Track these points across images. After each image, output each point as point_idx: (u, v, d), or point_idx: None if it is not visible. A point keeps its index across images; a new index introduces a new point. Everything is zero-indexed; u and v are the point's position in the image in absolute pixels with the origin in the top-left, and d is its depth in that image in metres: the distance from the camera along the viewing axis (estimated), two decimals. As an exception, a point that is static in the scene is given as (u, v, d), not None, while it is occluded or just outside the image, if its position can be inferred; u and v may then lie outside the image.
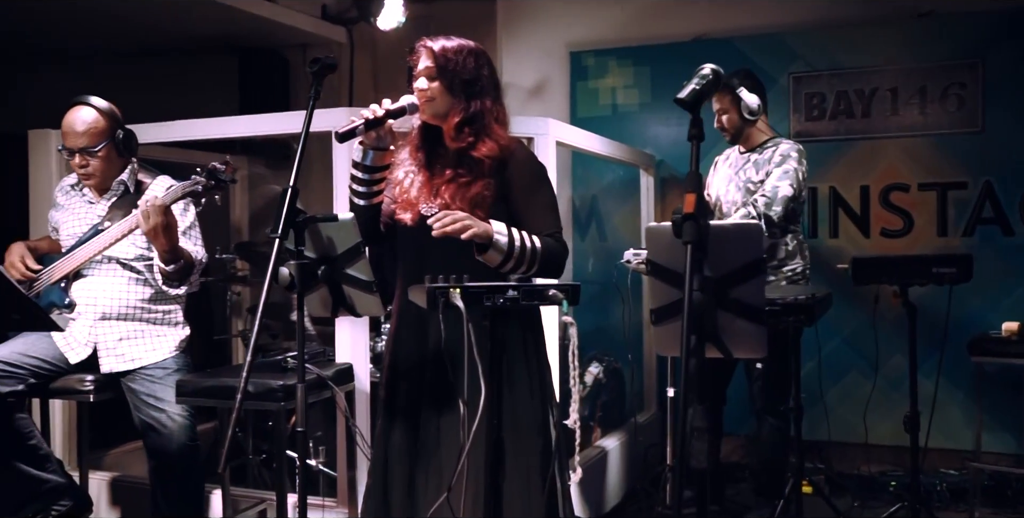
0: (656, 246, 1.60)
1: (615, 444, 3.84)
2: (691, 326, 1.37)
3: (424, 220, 2.14)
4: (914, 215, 4.26)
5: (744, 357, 1.60)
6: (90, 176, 2.83)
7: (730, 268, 1.53)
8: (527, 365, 2.12)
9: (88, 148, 2.78)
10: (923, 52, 4.24)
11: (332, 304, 1.99)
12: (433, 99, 2.16)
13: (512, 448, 1.98)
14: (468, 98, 2.16)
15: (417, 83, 2.17)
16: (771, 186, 3.30)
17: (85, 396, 2.76)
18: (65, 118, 2.81)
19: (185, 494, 2.86)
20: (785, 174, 3.31)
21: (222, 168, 2.55)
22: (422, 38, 2.23)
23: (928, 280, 2.88)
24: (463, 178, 2.12)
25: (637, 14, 4.83)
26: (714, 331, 1.55)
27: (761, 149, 3.46)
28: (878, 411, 4.05)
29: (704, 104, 1.76)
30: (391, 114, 2.11)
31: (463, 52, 2.18)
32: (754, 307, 1.53)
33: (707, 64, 1.74)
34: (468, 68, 2.17)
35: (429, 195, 2.17)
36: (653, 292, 1.60)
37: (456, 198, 2.11)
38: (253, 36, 4.98)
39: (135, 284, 2.83)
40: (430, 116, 2.20)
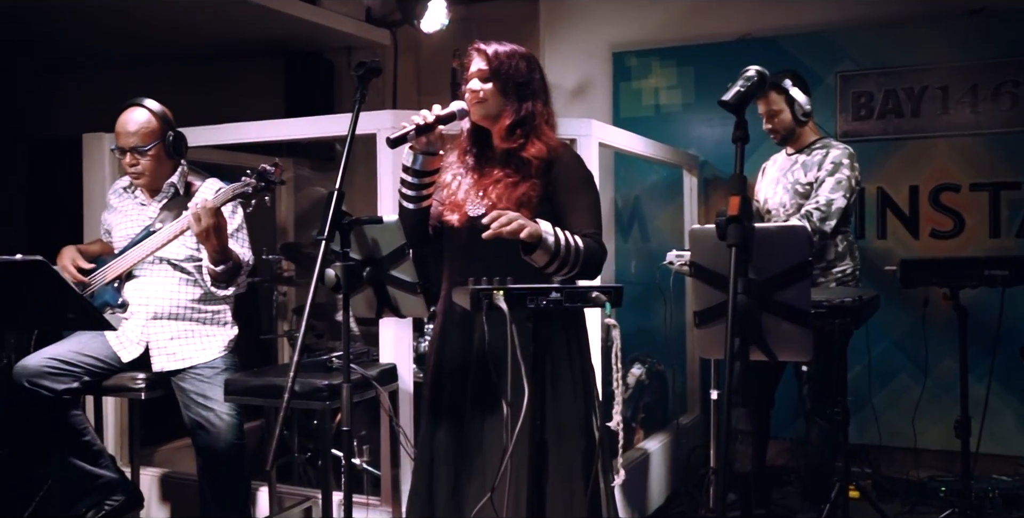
0: (700, 248, 1.59)
1: (657, 446, 3.82)
2: (735, 329, 1.37)
3: (471, 221, 2.16)
4: (965, 216, 4.17)
5: (789, 360, 1.58)
6: (140, 175, 2.90)
7: (775, 271, 1.52)
8: (571, 366, 2.13)
9: (139, 147, 2.85)
10: (975, 49, 4.15)
11: (377, 305, 2.01)
12: (485, 100, 2.19)
13: (555, 449, 1.99)
14: (520, 100, 2.19)
15: (470, 84, 2.21)
16: (825, 198, 3.25)
17: (137, 394, 2.82)
18: (119, 118, 2.89)
19: (232, 491, 2.91)
20: (838, 184, 3.26)
21: (271, 170, 2.59)
22: (475, 41, 2.26)
23: (980, 282, 2.83)
24: (510, 178, 2.15)
25: (680, 14, 4.79)
26: (759, 334, 1.54)
27: (809, 150, 3.41)
28: (928, 415, 3.99)
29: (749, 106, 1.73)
30: (441, 119, 2.13)
31: (516, 56, 2.23)
32: (799, 310, 1.52)
33: (752, 66, 1.72)
34: (521, 71, 2.21)
35: (476, 196, 2.20)
36: (697, 294, 1.59)
37: (503, 198, 2.13)
38: (298, 40, 5.05)
39: (185, 284, 2.89)
40: (481, 117, 2.22)
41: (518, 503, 1.87)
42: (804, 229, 1.63)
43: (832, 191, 3.24)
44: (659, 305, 4.09)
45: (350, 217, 1.90)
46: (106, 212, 3.13)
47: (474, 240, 2.18)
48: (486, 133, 2.28)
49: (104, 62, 5.58)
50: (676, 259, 3.40)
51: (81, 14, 4.45)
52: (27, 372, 2.64)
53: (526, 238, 1.95)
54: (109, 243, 3.10)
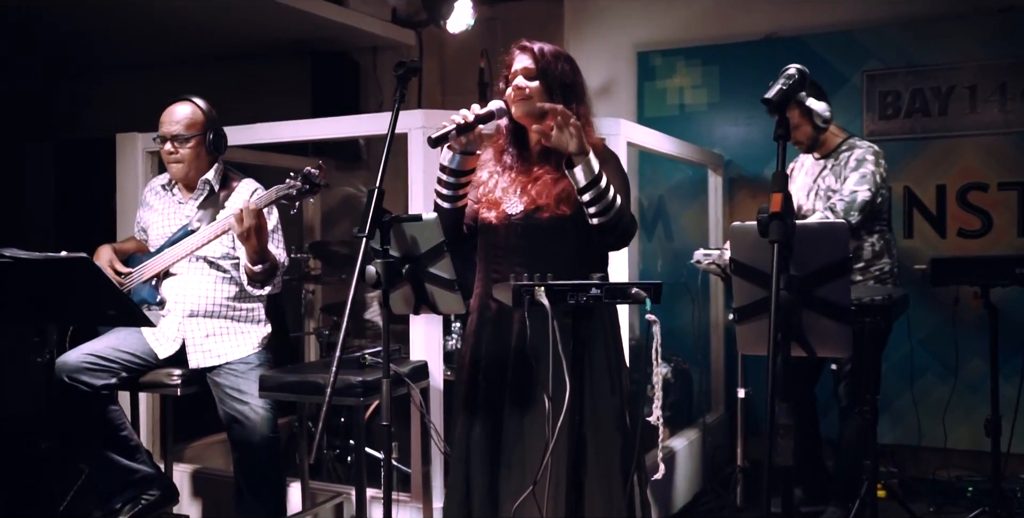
0: (740, 245, 1.61)
1: (683, 444, 3.83)
2: (778, 324, 1.38)
3: (509, 219, 2.19)
4: (993, 215, 4.16)
5: (828, 356, 1.60)
6: (179, 163, 2.94)
7: (815, 267, 1.53)
8: (607, 362, 2.15)
9: (181, 136, 2.91)
10: (1003, 48, 4.13)
11: (414, 302, 2.04)
12: (531, 98, 2.20)
13: (592, 445, 2.01)
14: (566, 101, 2.19)
15: (516, 81, 2.21)
16: (849, 191, 3.25)
17: (172, 390, 2.86)
18: (166, 110, 2.97)
19: (268, 484, 2.94)
20: (863, 178, 3.26)
21: (316, 172, 2.63)
22: (519, 40, 2.28)
23: (1011, 281, 2.82)
24: (550, 175, 2.17)
25: (705, 13, 4.80)
26: (798, 330, 1.55)
27: (836, 153, 3.40)
28: (956, 415, 3.98)
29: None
30: (480, 119, 2.14)
31: (561, 56, 2.26)
32: (839, 306, 1.53)
33: (792, 64, 1.73)
34: (566, 71, 2.25)
35: (514, 194, 2.22)
36: (737, 291, 1.61)
37: (543, 195, 2.16)
38: (325, 40, 5.09)
39: (221, 283, 2.93)
40: (524, 114, 2.23)
41: (557, 498, 1.89)
42: (844, 226, 1.64)
43: (856, 184, 3.24)
44: (684, 304, 4.10)
45: (390, 215, 1.92)
46: (141, 209, 3.17)
47: (511, 238, 2.21)
48: (523, 131, 2.30)
49: (131, 64, 5.65)
50: (704, 258, 3.42)
51: (108, 16, 4.50)
52: (66, 368, 2.69)
53: (575, 148, 2.01)
54: (143, 241, 3.14)
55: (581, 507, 1.79)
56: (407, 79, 2.04)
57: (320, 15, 4.58)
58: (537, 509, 1.85)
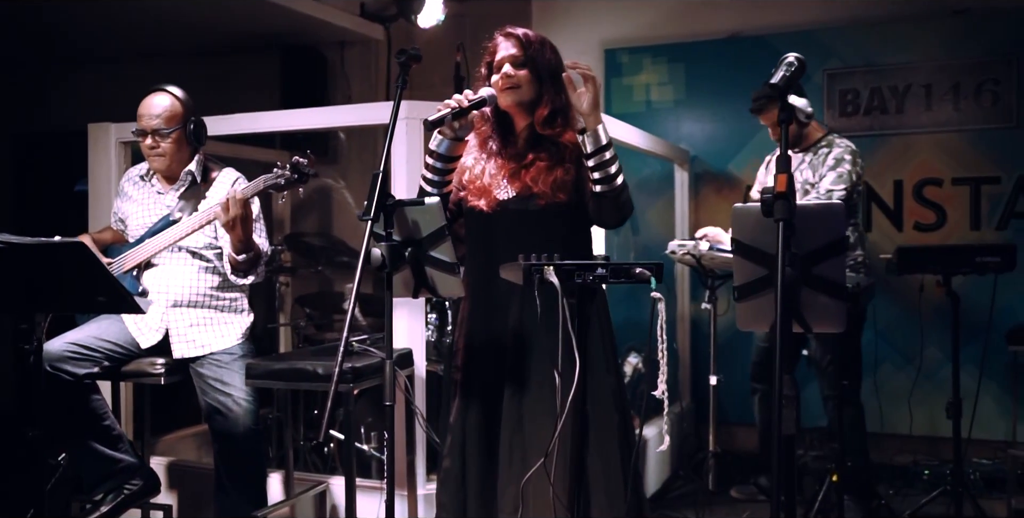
0: (742, 226, 1.68)
1: (654, 433, 3.91)
2: (785, 299, 1.46)
3: (501, 205, 2.21)
4: (947, 209, 4.33)
5: (823, 331, 1.67)
6: (160, 157, 2.92)
7: (814, 246, 1.61)
8: (601, 342, 2.20)
9: (162, 129, 2.88)
10: (958, 49, 4.30)
11: (414, 285, 2.07)
12: (519, 86, 2.22)
13: (593, 423, 2.06)
14: (556, 89, 2.22)
15: (504, 69, 2.22)
16: (825, 189, 3.37)
17: (156, 379, 2.85)
18: (143, 103, 2.92)
19: (249, 475, 2.94)
20: (839, 177, 3.38)
21: (305, 162, 2.64)
22: (503, 27, 2.30)
23: (972, 269, 2.96)
24: (544, 162, 2.20)
25: (671, 12, 4.90)
26: (796, 306, 1.63)
27: (815, 149, 3.52)
28: (910, 403, 4.14)
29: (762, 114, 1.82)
30: (474, 104, 2.17)
31: (546, 44, 2.28)
32: (835, 283, 1.61)
33: (791, 53, 1.80)
34: (552, 59, 2.26)
35: (504, 180, 2.25)
36: (738, 270, 1.68)
37: (538, 181, 2.19)
38: (293, 34, 5.07)
39: (204, 272, 2.93)
40: (512, 103, 2.25)
41: (560, 473, 1.93)
42: (841, 206, 1.72)
43: (833, 183, 3.36)
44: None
45: (393, 199, 1.95)
46: (119, 200, 3.14)
47: (503, 224, 2.24)
48: (508, 118, 2.32)
49: (98, 57, 5.56)
50: (678, 248, 3.50)
51: (73, 9, 4.43)
52: (49, 356, 2.65)
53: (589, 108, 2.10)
54: (121, 231, 3.11)
55: (586, 483, 1.84)
56: (408, 67, 2.07)
57: (290, 7, 4.57)
58: (541, 487, 1.89)
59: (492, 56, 2.30)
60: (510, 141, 2.32)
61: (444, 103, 2.18)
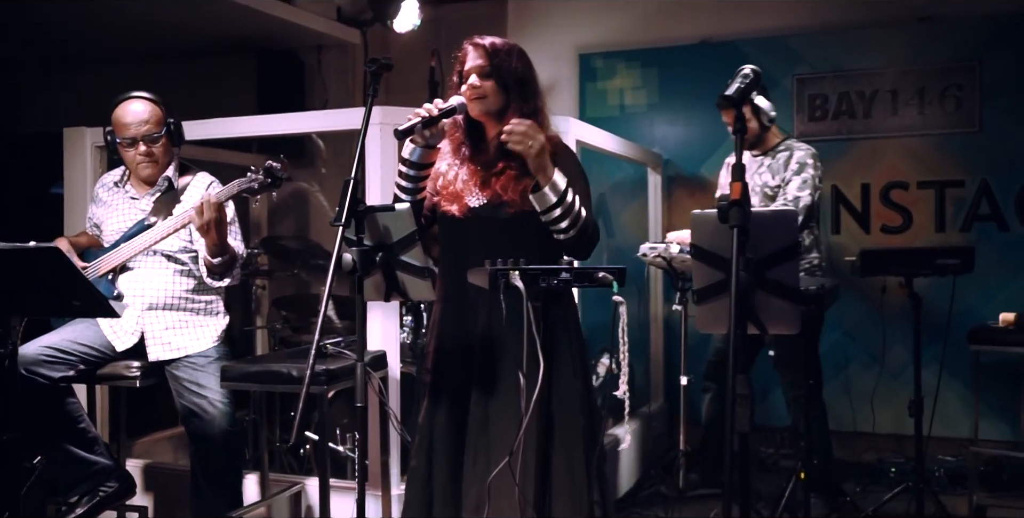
0: (701, 231, 1.74)
1: (621, 433, 3.97)
2: (740, 302, 1.52)
3: (472, 212, 2.26)
4: (913, 212, 4.43)
5: (778, 333, 1.73)
6: (154, 163, 2.93)
7: (768, 251, 1.68)
8: (569, 345, 2.24)
9: (154, 134, 2.90)
10: (922, 55, 4.40)
11: (385, 289, 2.11)
12: (485, 97, 2.25)
13: (559, 426, 2.11)
14: (523, 99, 2.26)
15: (470, 80, 2.25)
16: (792, 196, 3.44)
17: (132, 382, 2.87)
18: (120, 111, 2.91)
19: (225, 477, 2.97)
20: (804, 183, 3.45)
21: (278, 167, 2.68)
22: (471, 36, 2.32)
23: (932, 271, 3.04)
24: (513, 170, 2.23)
25: (644, 17, 4.98)
26: (752, 309, 1.69)
27: (774, 153, 3.59)
28: (878, 401, 4.22)
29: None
30: (444, 113, 2.20)
31: (513, 52, 2.30)
32: (789, 287, 1.68)
33: (747, 65, 1.87)
34: (519, 67, 2.28)
35: (475, 187, 2.29)
36: (697, 274, 1.74)
37: (508, 189, 2.22)
38: (270, 38, 5.10)
39: (179, 276, 2.95)
40: (480, 113, 2.28)
41: (525, 474, 1.98)
42: (794, 213, 1.79)
43: (799, 189, 3.43)
44: (625, 298, 4.23)
45: (364, 205, 2.00)
46: (93, 205, 3.16)
47: (473, 230, 2.28)
48: (479, 126, 2.36)
49: (74, 60, 5.56)
50: (650, 251, 3.56)
51: (46, 11, 4.44)
52: (24, 360, 2.67)
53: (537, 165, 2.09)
54: (96, 236, 3.13)
55: (549, 483, 1.89)
56: (379, 75, 2.11)
57: (266, 12, 4.60)
58: (506, 487, 1.94)
59: (462, 65, 2.32)
60: (481, 149, 2.36)
61: (414, 112, 2.20)
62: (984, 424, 4.08)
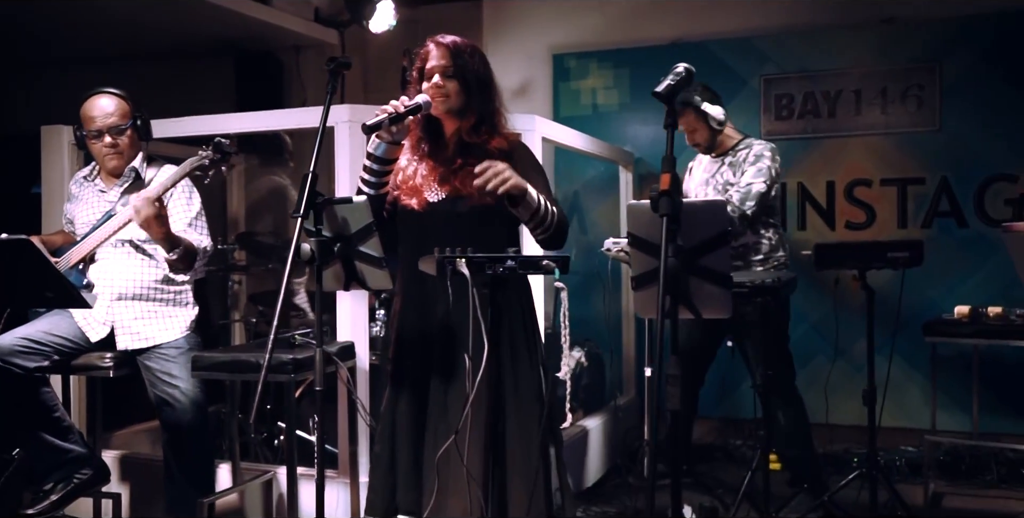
0: (636, 221, 1.83)
1: (596, 424, 4.07)
2: (667, 287, 1.61)
3: (431, 206, 2.33)
4: (876, 208, 4.54)
5: (711, 316, 1.83)
6: (118, 156, 3.01)
7: (699, 239, 1.77)
8: (525, 335, 2.32)
9: (119, 126, 2.98)
10: (885, 56, 4.52)
11: (345, 278, 2.20)
12: (448, 96, 2.32)
13: (514, 414, 2.20)
14: (483, 98, 2.34)
15: (434, 79, 2.32)
16: (746, 183, 3.52)
17: (105, 372, 2.94)
18: (87, 106, 3.00)
19: (197, 464, 3.05)
20: (759, 172, 3.53)
21: (227, 142, 2.77)
22: (433, 36, 2.39)
23: (884, 264, 3.14)
24: (471, 166, 2.28)
25: (617, 18, 5.08)
26: (686, 294, 1.78)
27: (734, 152, 3.68)
28: (842, 392, 4.32)
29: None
30: (410, 110, 2.26)
31: (476, 52, 2.38)
32: (720, 273, 1.77)
33: (681, 63, 1.96)
34: (481, 68, 2.36)
35: (434, 182, 2.36)
36: (635, 262, 1.83)
37: (467, 184, 2.28)
38: (248, 38, 5.17)
39: (148, 266, 3.02)
40: (443, 112, 2.34)
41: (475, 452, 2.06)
42: (723, 203, 1.90)
43: (753, 177, 3.51)
44: (597, 293, 4.34)
45: (323, 197, 2.08)
46: (68, 203, 3.23)
47: (432, 223, 2.35)
48: (438, 123, 2.42)
49: (53, 60, 5.61)
50: (613, 246, 3.65)
51: (22, 10, 4.49)
52: (0, 351, 2.75)
53: (515, 190, 2.13)
54: (71, 233, 3.20)
55: (501, 461, 1.98)
56: (338, 73, 2.19)
57: (244, 14, 4.67)
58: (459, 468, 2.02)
59: (423, 62, 2.39)
60: (440, 145, 2.43)
61: (381, 108, 2.26)
62: (944, 415, 4.19)
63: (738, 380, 4.41)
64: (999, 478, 3.93)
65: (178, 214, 2.99)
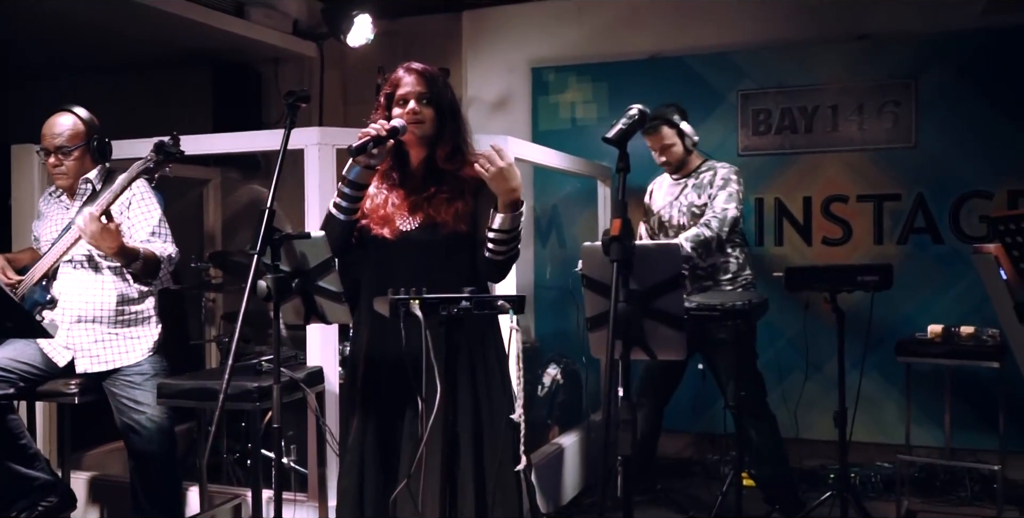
0: (591, 262, 1.83)
1: (571, 441, 4.07)
2: (617, 332, 1.60)
3: (403, 235, 2.31)
4: (853, 225, 4.54)
5: (666, 358, 1.82)
6: (62, 176, 3.01)
7: (653, 282, 1.77)
8: (499, 366, 2.31)
9: (64, 148, 2.97)
10: (861, 72, 4.52)
11: (305, 312, 2.19)
12: (423, 122, 2.31)
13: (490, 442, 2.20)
14: (455, 125, 2.34)
15: (410, 105, 2.30)
16: (720, 208, 3.56)
17: (70, 398, 2.93)
18: (47, 122, 3.01)
19: (164, 491, 3.05)
20: (730, 197, 3.58)
21: (169, 142, 2.75)
22: (406, 62, 2.39)
23: (854, 287, 3.15)
24: (444, 194, 2.30)
25: (596, 33, 5.08)
26: (640, 336, 1.78)
27: (697, 173, 3.70)
28: (818, 408, 4.33)
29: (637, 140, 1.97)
30: (390, 133, 2.24)
31: (444, 79, 2.39)
32: (673, 315, 1.77)
33: (635, 105, 1.96)
34: (450, 95, 2.37)
35: (406, 211, 2.34)
36: (589, 302, 1.83)
37: (440, 211, 2.29)
38: (226, 51, 5.15)
39: (108, 286, 2.99)
40: (417, 138, 2.33)
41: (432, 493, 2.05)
42: (677, 247, 1.89)
43: (726, 202, 3.56)
44: (572, 309, 4.34)
45: (280, 233, 2.07)
46: (36, 220, 3.22)
47: (404, 252, 2.32)
48: (404, 151, 2.39)
49: (29, 72, 5.58)
50: (586, 266, 3.66)
51: (2, 24, 4.47)
52: (-36, 378, 2.74)
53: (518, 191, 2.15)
54: (38, 250, 3.18)
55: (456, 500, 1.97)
56: (296, 108, 2.18)
57: (222, 28, 4.65)
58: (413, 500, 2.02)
59: (392, 88, 2.38)
60: (407, 173, 2.41)
61: (363, 131, 2.23)
62: (919, 430, 4.20)
63: (714, 395, 4.39)
64: (972, 495, 3.95)
65: (139, 223, 2.97)
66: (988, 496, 3.90)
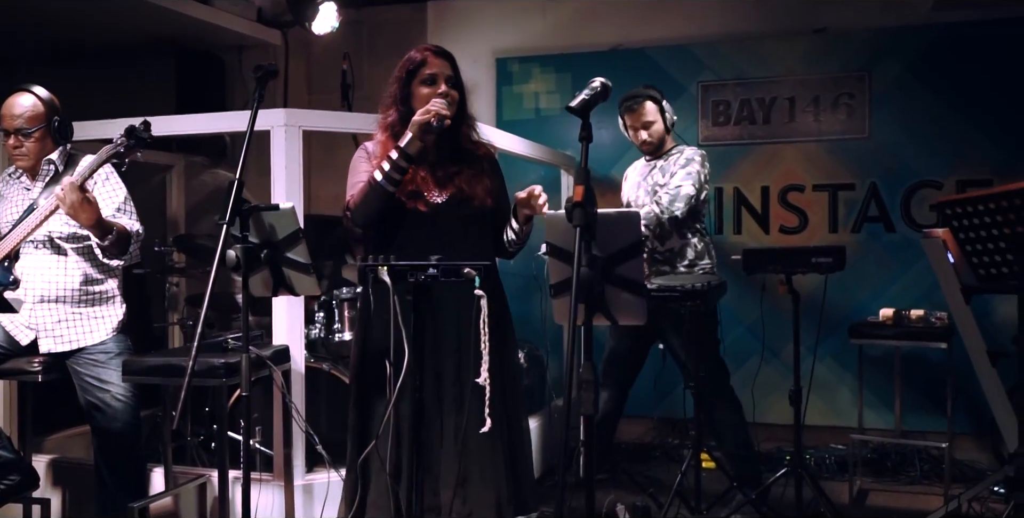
0: (554, 231, 1.88)
1: (535, 425, 4.11)
2: (580, 295, 1.66)
3: (435, 208, 2.41)
4: (809, 213, 4.66)
5: (627, 323, 1.89)
6: (23, 157, 2.98)
7: (614, 248, 1.83)
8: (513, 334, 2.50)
9: (24, 129, 2.94)
10: (817, 65, 4.64)
11: (273, 284, 2.22)
12: (452, 104, 2.44)
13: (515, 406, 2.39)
14: (467, 109, 2.51)
15: (444, 88, 2.44)
16: (675, 185, 3.58)
17: (33, 376, 2.92)
18: (5, 103, 2.98)
19: (128, 469, 3.04)
20: (688, 175, 3.59)
21: (140, 126, 2.75)
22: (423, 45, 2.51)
23: (808, 269, 3.24)
24: (470, 169, 2.45)
25: (559, 24, 5.15)
26: (602, 301, 1.84)
27: (667, 156, 3.76)
28: (776, 392, 4.44)
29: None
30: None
31: None
32: (634, 281, 1.83)
33: (597, 78, 2.02)
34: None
35: (433, 185, 2.44)
36: (552, 270, 1.88)
37: (470, 185, 2.44)
38: (190, 38, 5.13)
39: (69, 267, 2.97)
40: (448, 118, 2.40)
41: None
42: (637, 214, 1.95)
43: (682, 180, 3.58)
44: (536, 294, 4.39)
45: (249, 204, 2.10)
46: (-4, 203, 3.20)
47: (439, 224, 2.42)
48: None
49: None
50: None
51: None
52: (-75, 357, 2.71)
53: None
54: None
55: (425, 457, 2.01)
56: (265, 81, 2.22)
57: (185, 14, 4.64)
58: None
59: (414, 66, 2.47)
60: (431, 151, 2.49)
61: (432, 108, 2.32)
62: (871, 413, 4.33)
63: (675, 380, 4.49)
64: (921, 474, 4.07)
65: (105, 201, 2.96)
66: (936, 475, 4.02)
